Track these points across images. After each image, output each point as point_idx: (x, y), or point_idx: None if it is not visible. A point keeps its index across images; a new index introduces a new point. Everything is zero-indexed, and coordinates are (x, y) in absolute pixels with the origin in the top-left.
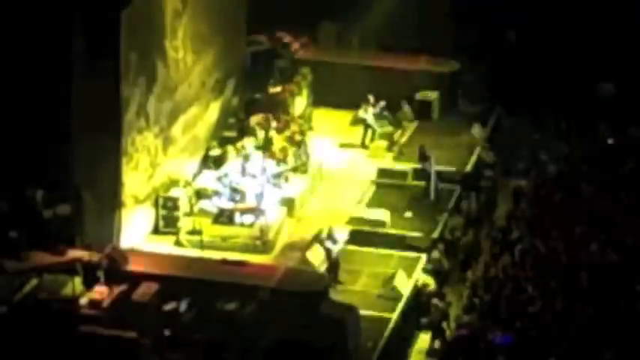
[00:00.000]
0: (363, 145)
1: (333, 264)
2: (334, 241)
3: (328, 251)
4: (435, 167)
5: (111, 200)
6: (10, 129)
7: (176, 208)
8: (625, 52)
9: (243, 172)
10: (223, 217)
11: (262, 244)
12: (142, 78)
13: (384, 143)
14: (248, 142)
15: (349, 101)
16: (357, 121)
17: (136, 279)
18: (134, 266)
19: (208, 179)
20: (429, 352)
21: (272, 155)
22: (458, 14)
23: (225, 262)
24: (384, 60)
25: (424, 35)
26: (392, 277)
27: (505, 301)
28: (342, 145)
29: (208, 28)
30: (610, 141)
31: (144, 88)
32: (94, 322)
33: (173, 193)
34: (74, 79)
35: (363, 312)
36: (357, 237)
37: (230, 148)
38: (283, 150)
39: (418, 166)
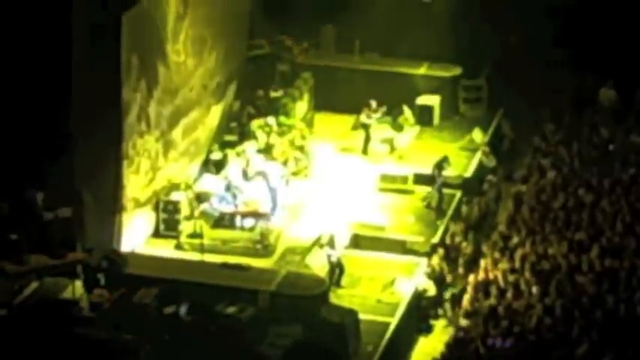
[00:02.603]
0: (365, 151)
1: (335, 268)
2: (333, 247)
3: (328, 256)
4: (442, 178)
5: (112, 203)
6: (10, 131)
7: (177, 211)
8: (628, 58)
9: (245, 175)
10: (224, 221)
11: (263, 247)
12: (143, 81)
13: (384, 148)
14: (249, 146)
15: (350, 105)
16: (358, 125)
17: (137, 282)
18: (134, 269)
19: (209, 183)
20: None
21: (273, 159)
22: (461, 18)
23: (225, 265)
24: (386, 64)
25: (426, 39)
26: (392, 281)
27: (504, 307)
28: (343, 150)
29: (210, 31)
30: (611, 147)
31: (145, 91)
32: (94, 325)
33: (174, 196)
34: (75, 82)
35: (363, 316)
36: (358, 241)
37: (231, 152)
38: (284, 154)
39: (428, 171)
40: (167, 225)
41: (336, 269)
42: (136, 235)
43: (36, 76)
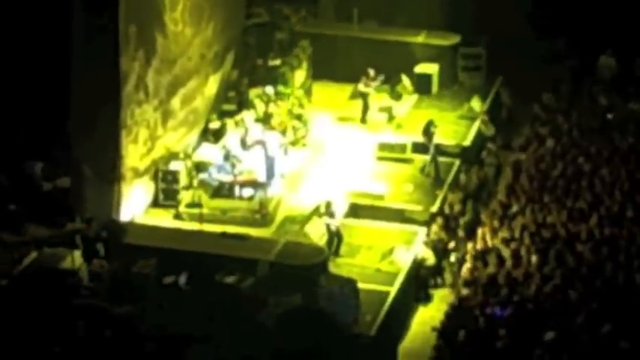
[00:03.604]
0: (363, 120)
1: (334, 237)
2: (332, 215)
3: (327, 225)
4: (434, 142)
5: (110, 173)
6: (9, 103)
7: (175, 181)
8: (627, 27)
9: (243, 144)
10: (223, 190)
11: (261, 217)
12: (141, 51)
13: (383, 116)
14: (247, 115)
15: (349, 74)
16: (356, 94)
17: (136, 252)
18: (133, 239)
19: (208, 152)
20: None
21: (271, 128)
22: None
23: (224, 235)
24: (384, 33)
25: (424, 7)
26: (391, 250)
27: (504, 275)
28: (342, 119)
29: (208, 0)
30: (609, 116)
31: (143, 61)
32: (93, 294)
33: (172, 166)
34: (73, 52)
35: (362, 285)
36: (356, 210)
37: (229, 121)
38: (282, 123)
39: (420, 139)
40: (166, 194)
41: (335, 238)
42: (135, 204)
43: (35, 49)
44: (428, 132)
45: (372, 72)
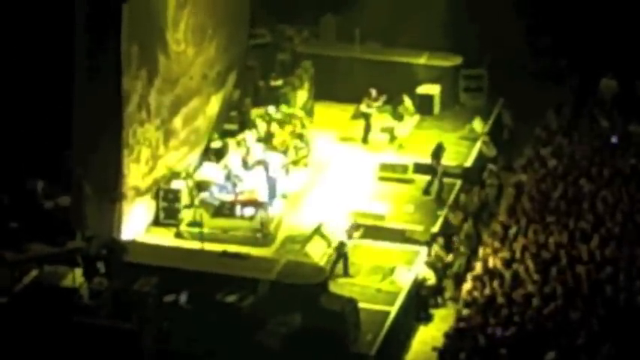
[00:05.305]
0: (365, 140)
1: (340, 258)
2: (350, 236)
3: (341, 244)
4: (442, 165)
5: (112, 192)
6: (11, 121)
7: (177, 200)
8: (628, 48)
9: (245, 164)
10: (224, 210)
11: (262, 236)
12: (143, 70)
13: (384, 137)
14: (249, 135)
15: (351, 95)
16: (358, 115)
17: (136, 271)
18: (134, 258)
19: (209, 171)
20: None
21: (273, 148)
22: (460, 8)
23: (225, 254)
24: (386, 54)
25: (426, 29)
26: (391, 270)
27: (504, 296)
28: (343, 139)
29: (210, 20)
30: (614, 139)
31: (145, 80)
32: (94, 313)
33: (174, 185)
34: (76, 71)
35: (362, 305)
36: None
37: (231, 141)
38: (284, 143)
39: (428, 161)
40: (167, 213)
41: (342, 258)
42: (136, 223)
43: (37, 67)
44: (438, 155)
45: (374, 92)
